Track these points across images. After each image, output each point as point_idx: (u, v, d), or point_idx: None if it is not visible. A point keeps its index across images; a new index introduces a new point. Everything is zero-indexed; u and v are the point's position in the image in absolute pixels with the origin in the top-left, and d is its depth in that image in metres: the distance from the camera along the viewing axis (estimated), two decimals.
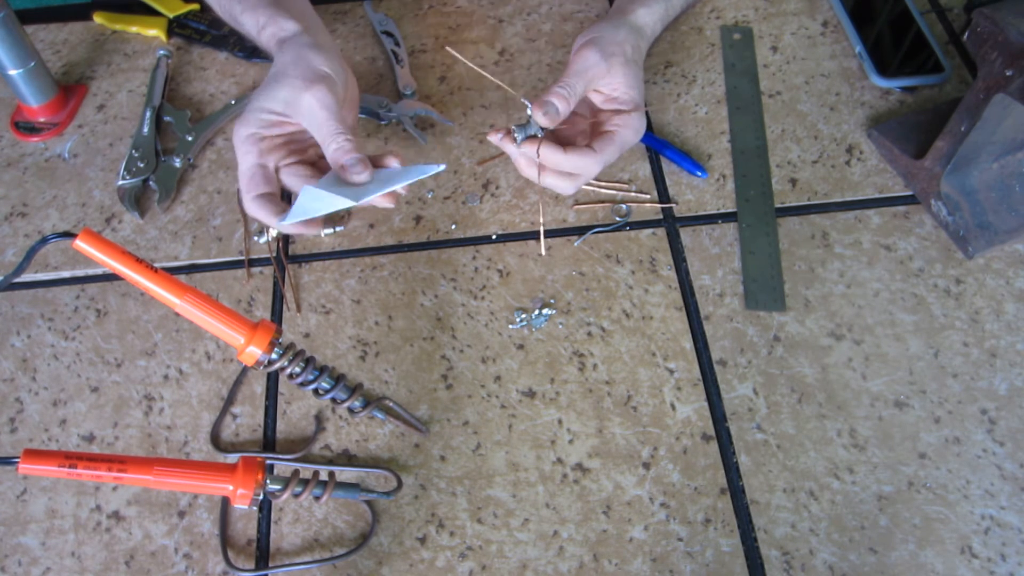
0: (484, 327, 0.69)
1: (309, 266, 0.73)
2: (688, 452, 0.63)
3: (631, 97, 0.69)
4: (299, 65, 0.65)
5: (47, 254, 0.75)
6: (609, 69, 0.68)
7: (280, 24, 0.70)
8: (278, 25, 0.70)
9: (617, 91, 0.69)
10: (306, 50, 0.66)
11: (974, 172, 0.71)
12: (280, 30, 0.69)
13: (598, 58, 0.67)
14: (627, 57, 0.69)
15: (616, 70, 0.68)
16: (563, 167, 0.67)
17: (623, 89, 0.69)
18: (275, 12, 0.70)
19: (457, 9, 0.90)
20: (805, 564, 0.59)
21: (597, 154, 0.66)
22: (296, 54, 0.66)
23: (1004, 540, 0.59)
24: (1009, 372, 0.66)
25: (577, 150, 0.66)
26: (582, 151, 0.66)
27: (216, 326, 0.53)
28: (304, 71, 0.65)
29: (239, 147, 0.66)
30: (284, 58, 0.67)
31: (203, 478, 0.53)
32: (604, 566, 0.59)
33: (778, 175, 0.76)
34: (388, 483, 0.63)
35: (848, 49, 0.84)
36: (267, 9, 0.71)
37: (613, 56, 0.68)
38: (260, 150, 0.66)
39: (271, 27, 0.70)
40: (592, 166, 0.67)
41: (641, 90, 0.70)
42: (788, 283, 0.70)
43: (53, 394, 0.68)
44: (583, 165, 0.66)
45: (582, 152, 0.66)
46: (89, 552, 0.61)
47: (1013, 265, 0.71)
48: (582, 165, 0.66)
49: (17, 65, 0.78)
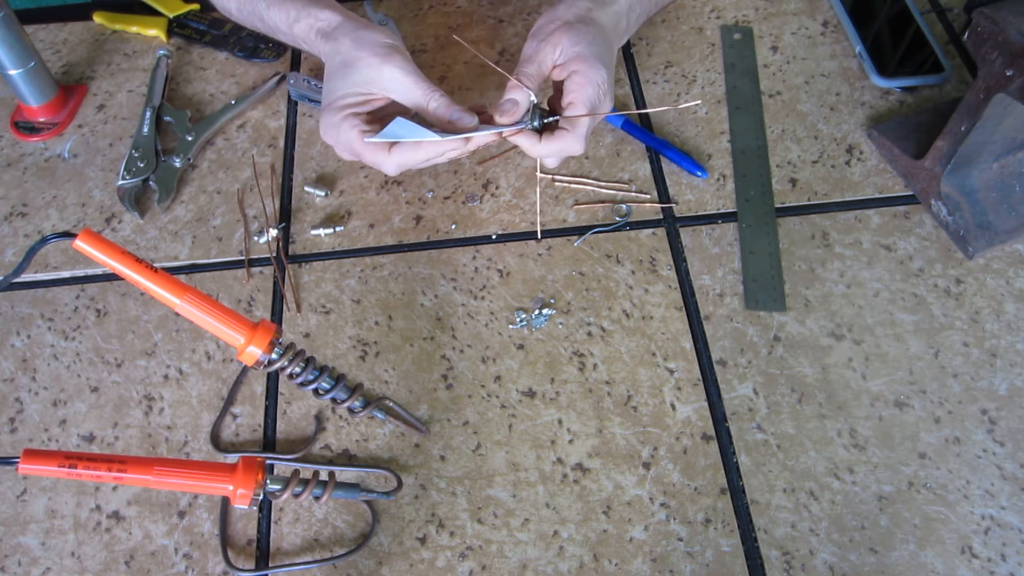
0: (484, 327, 0.69)
1: (309, 266, 0.73)
2: (688, 452, 0.63)
3: (576, 53, 0.65)
4: (364, 46, 0.66)
5: (47, 254, 0.75)
6: (550, 43, 0.66)
7: (317, 15, 0.70)
8: (315, 17, 0.70)
9: (562, 56, 0.66)
10: (362, 31, 0.67)
11: (974, 172, 0.71)
12: (318, 21, 0.70)
13: (534, 43, 0.67)
14: (567, 21, 0.67)
15: (555, 38, 0.66)
16: (539, 153, 0.66)
17: (568, 49, 0.66)
18: (307, 4, 0.70)
19: (457, 9, 0.90)
20: (805, 564, 0.59)
21: (569, 132, 0.64)
22: (354, 37, 0.67)
23: (1004, 540, 0.59)
24: (1009, 372, 0.66)
25: (549, 136, 0.65)
26: (553, 136, 0.65)
27: (216, 326, 0.53)
28: (373, 49, 0.65)
29: (340, 135, 0.65)
30: (343, 46, 0.67)
31: (203, 478, 0.53)
32: (604, 566, 0.59)
33: (778, 175, 0.76)
34: (388, 483, 0.63)
35: (848, 49, 0.84)
36: (298, 2, 0.71)
37: (552, 31, 0.66)
38: (364, 120, 0.65)
39: (306, 19, 0.70)
40: (570, 142, 0.65)
41: (589, 45, 0.66)
42: (788, 283, 0.70)
43: (53, 394, 0.68)
44: (559, 148, 0.65)
45: (553, 137, 0.65)
46: (89, 552, 0.61)
47: (1013, 265, 0.71)
48: (558, 148, 0.65)
49: (17, 65, 0.78)
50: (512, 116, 0.65)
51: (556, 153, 0.66)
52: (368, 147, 0.64)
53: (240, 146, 0.81)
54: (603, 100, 0.66)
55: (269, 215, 0.76)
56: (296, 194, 0.78)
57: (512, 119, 0.65)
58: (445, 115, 0.64)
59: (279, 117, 0.83)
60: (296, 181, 0.78)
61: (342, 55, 0.67)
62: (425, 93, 0.65)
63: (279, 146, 0.81)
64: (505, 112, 0.64)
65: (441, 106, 0.64)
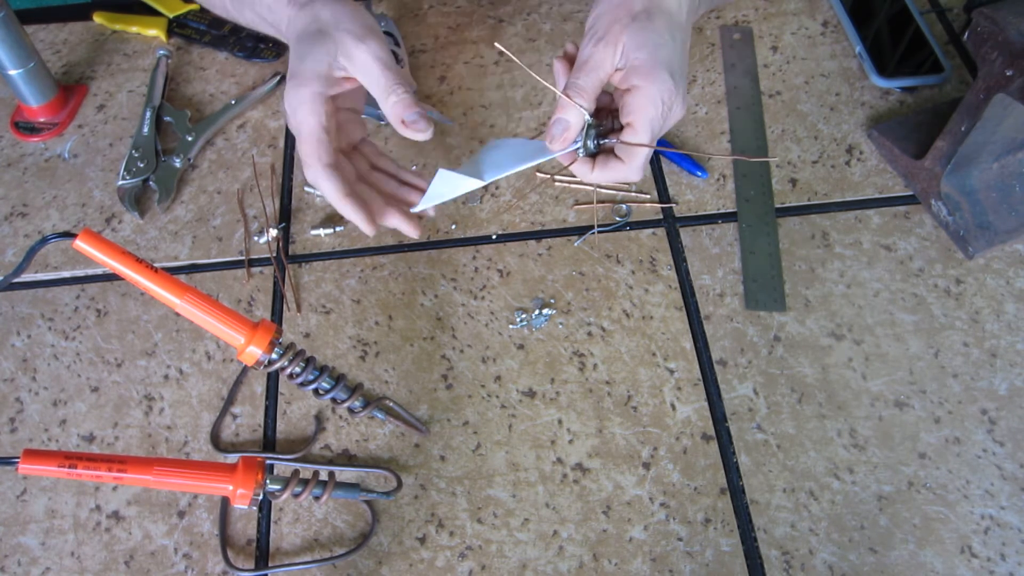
0: (484, 327, 0.69)
1: (309, 266, 0.73)
2: (688, 452, 0.63)
3: (639, 61, 0.55)
4: (345, 18, 0.59)
5: (47, 254, 0.75)
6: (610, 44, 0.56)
7: None
8: None
9: (623, 60, 0.56)
10: (342, 5, 0.60)
11: (974, 172, 0.71)
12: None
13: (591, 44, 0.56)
14: (632, 14, 0.56)
15: (615, 36, 0.55)
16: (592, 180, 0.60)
17: (630, 54, 0.55)
18: None
19: (457, 9, 0.90)
20: (805, 564, 0.59)
21: (624, 164, 0.57)
22: (333, 9, 0.60)
23: (1004, 540, 0.59)
24: (1009, 372, 0.66)
25: (604, 164, 0.58)
26: (607, 166, 0.58)
27: (216, 326, 0.53)
28: (352, 24, 0.59)
29: (299, 109, 0.58)
30: (322, 14, 0.60)
31: (203, 478, 0.53)
32: (604, 566, 0.59)
33: (778, 175, 0.76)
34: (388, 483, 0.63)
35: (848, 49, 0.84)
36: None
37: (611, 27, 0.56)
38: (326, 112, 0.59)
39: None
40: (626, 172, 0.57)
41: (655, 49, 0.55)
42: (788, 283, 0.70)
43: (53, 394, 0.68)
44: (613, 177, 0.58)
45: (608, 167, 0.58)
46: (89, 552, 0.61)
47: (1013, 265, 0.71)
48: (611, 178, 0.58)
49: (17, 65, 0.78)
50: (564, 142, 0.56)
51: (609, 180, 0.60)
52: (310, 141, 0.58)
53: (240, 146, 0.81)
54: (669, 115, 0.56)
55: (269, 215, 0.76)
56: (296, 194, 0.78)
57: (564, 145, 0.56)
58: (400, 114, 0.58)
59: (279, 117, 0.83)
60: (296, 181, 0.78)
61: (319, 24, 0.60)
62: (388, 85, 0.58)
63: (279, 146, 0.81)
64: (556, 138, 0.56)
65: (400, 103, 0.58)
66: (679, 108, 0.57)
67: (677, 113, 0.57)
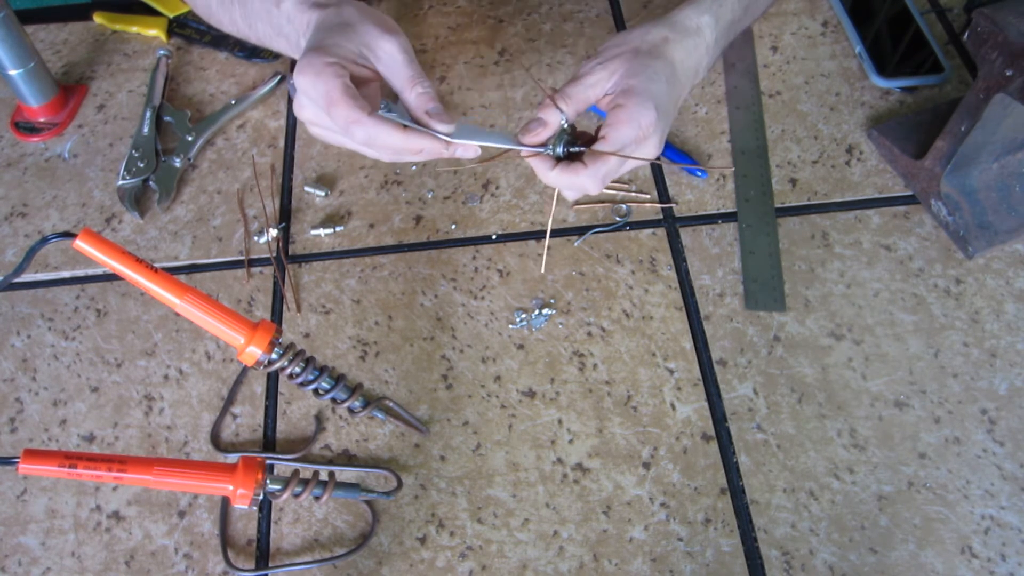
0: (484, 327, 0.69)
1: (309, 266, 0.73)
2: (688, 452, 0.63)
3: (629, 87, 0.58)
4: (369, 16, 0.60)
5: (47, 254, 0.75)
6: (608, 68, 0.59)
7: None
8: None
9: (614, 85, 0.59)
10: (363, 9, 0.60)
11: (974, 172, 0.71)
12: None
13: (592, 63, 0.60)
14: (636, 49, 0.60)
15: (615, 64, 0.59)
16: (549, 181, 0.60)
17: (622, 80, 0.59)
18: None
19: (457, 9, 0.90)
20: (805, 564, 0.59)
21: (584, 168, 0.58)
22: (361, 7, 0.60)
23: (1004, 540, 0.59)
24: (1009, 372, 0.66)
25: (564, 167, 0.59)
26: (568, 168, 0.59)
27: (216, 326, 0.53)
28: (377, 21, 0.59)
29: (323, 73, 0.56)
30: (346, 11, 0.60)
31: (203, 478, 0.53)
32: (604, 566, 0.59)
33: (778, 175, 0.76)
34: (388, 483, 0.63)
35: (848, 49, 0.84)
36: None
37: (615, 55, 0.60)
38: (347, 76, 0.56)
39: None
40: (583, 179, 0.58)
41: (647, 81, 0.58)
42: (788, 283, 0.70)
43: (53, 394, 0.68)
44: (570, 181, 0.59)
45: (567, 169, 0.59)
46: (89, 552, 0.61)
47: (1013, 265, 0.71)
48: (568, 181, 0.59)
49: (17, 65, 0.78)
50: (535, 138, 0.58)
51: (567, 186, 0.60)
52: (346, 99, 0.55)
53: (240, 146, 0.81)
54: (642, 144, 0.58)
55: (269, 215, 0.76)
56: (296, 194, 0.78)
57: (535, 140, 0.58)
58: (425, 105, 0.58)
59: (279, 117, 0.83)
60: (296, 181, 0.79)
61: (344, 17, 0.60)
62: (412, 77, 0.59)
63: (279, 146, 0.81)
64: (529, 131, 0.58)
65: (426, 95, 0.58)
66: (652, 147, 0.59)
67: (649, 150, 0.59)
